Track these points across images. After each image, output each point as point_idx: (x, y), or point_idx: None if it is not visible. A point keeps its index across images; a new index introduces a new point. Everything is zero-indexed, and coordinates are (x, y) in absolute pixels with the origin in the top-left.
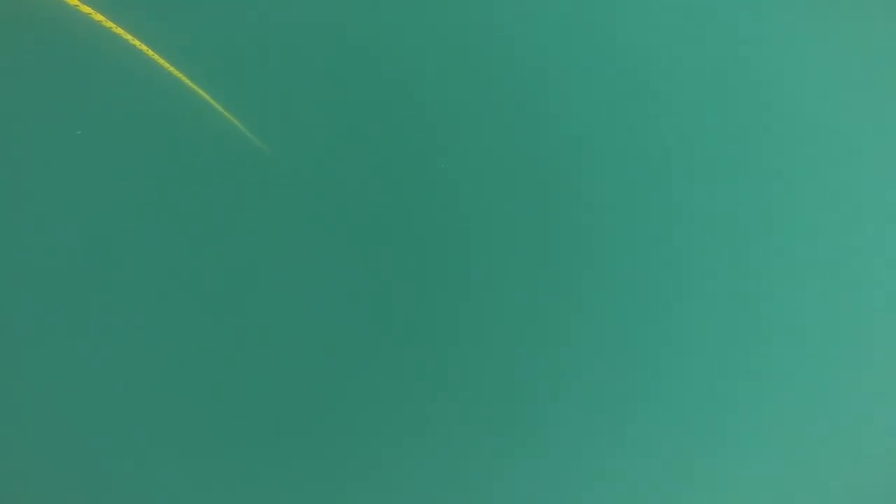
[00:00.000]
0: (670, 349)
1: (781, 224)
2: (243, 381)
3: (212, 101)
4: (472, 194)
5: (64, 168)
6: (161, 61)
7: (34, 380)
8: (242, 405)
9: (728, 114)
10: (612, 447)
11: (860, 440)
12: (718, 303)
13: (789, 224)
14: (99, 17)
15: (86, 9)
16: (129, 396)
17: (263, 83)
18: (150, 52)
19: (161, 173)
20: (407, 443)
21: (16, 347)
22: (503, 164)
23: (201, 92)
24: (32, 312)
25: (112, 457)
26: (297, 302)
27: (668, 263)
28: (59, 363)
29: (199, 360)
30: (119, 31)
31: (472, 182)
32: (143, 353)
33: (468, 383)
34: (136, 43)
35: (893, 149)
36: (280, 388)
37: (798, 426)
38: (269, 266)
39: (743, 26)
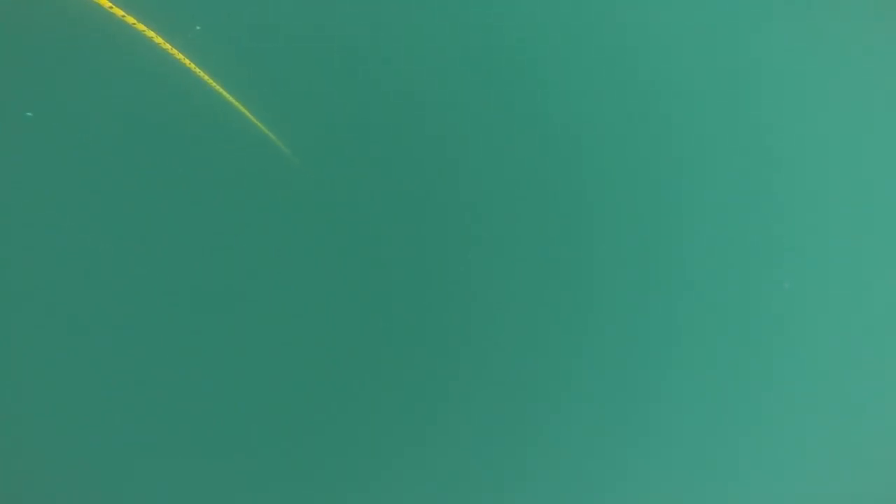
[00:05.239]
0: (679, 349)
1: (788, 224)
2: (254, 384)
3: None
4: (484, 199)
5: (83, 171)
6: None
7: (35, 380)
8: (251, 408)
9: (735, 113)
10: (614, 448)
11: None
12: (728, 301)
13: (796, 224)
14: (131, 19)
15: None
16: (139, 399)
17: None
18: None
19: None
20: (411, 445)
21: (18, 348)
22: (522, 171)
23: (221, 90)
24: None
25: (116, 458)
26: (312, 305)
27: (676, 264)
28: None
29: (219, 363)
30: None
31: (486, 188)
32: (155, 357)
33: (476, 384)
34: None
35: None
36: (293, 390)
37: (806, 427)
38: (277, 267)
39: (751, 30)
